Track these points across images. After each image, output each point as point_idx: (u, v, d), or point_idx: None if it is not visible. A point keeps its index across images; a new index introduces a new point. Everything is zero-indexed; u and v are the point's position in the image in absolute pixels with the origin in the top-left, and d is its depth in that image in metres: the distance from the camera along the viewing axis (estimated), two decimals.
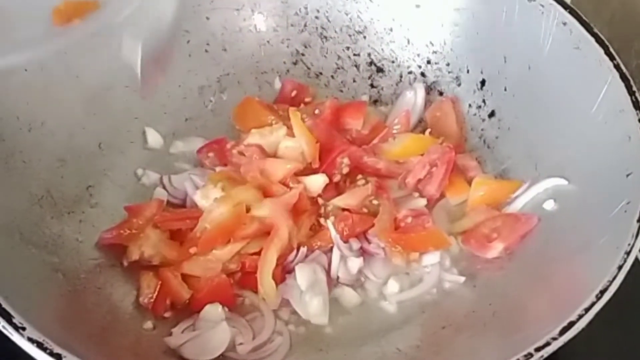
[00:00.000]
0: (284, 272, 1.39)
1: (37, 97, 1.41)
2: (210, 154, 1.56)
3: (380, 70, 1.69)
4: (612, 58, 1.34)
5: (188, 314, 1.36)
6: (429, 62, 1.64)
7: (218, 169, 1.52)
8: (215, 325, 1.32)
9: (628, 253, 1.13)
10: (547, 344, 1.06)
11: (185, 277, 1.38)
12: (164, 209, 1.46)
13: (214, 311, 1.34)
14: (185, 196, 1.51)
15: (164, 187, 1.54)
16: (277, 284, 1.36)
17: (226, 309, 1.35)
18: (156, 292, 1.36)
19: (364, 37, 1.69)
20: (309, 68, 1.71)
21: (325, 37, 1.70)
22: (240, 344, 1.32)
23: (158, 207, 1.45)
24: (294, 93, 1.67)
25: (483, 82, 1.56)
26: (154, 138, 1.60)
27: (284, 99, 1.67)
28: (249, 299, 1.39)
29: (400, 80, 1.68)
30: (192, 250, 1.38)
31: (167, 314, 1.36)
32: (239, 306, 1.38)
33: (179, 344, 1.30)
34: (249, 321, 1.36)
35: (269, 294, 1.35)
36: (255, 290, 1.37)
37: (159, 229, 1.42)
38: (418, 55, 1.65)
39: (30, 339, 1.04)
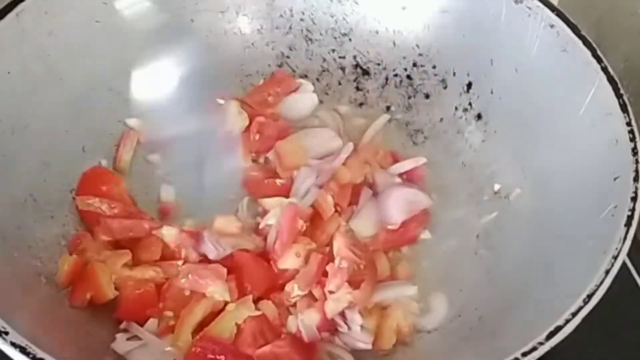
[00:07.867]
0: None
1: (20, 99, 1.38)
2: None
3: (366, 72, 1.69)
4: (599, 60, 1.33)
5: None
6: (414, 64, 1.63)
7: None
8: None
9: (615, 257, 1.13)
10: (534, 348, 1.06)
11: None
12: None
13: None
14: None
15: None
16: None
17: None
18: (71, 277, 1.34)
19: (350, 40, 1.68)
20: (294, 71, 1.70)
21: (311, 40, 1.69)
22: None
23: None
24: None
25: (469, 85, 1.55)
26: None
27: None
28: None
29: (386, 83, 1.67)
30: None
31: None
32: None
33: (126, 351, 1.29)
34: None
35: (182, 346, 1.29)
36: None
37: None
38: (404, 57, 1.64)
39: (13, 344, 1.03)
